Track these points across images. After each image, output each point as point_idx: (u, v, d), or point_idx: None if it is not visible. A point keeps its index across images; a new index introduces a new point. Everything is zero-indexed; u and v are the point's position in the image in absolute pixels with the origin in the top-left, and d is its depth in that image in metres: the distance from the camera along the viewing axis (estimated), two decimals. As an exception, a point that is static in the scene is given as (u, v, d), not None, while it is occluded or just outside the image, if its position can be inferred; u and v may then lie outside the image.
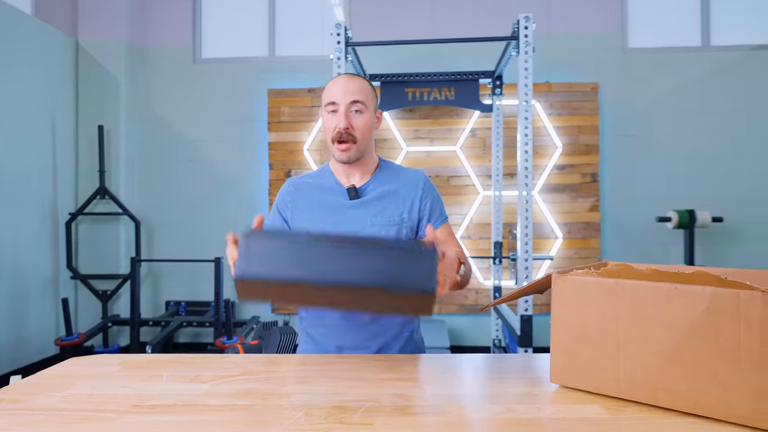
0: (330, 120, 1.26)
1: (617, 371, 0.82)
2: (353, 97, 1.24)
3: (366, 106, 1.26)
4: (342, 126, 1.22)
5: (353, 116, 1.24)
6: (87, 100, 3.92)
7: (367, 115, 1.26)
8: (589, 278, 0.85)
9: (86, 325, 3.86)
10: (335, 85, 1.26)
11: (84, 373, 0.99)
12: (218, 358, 1.09)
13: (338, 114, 1.24)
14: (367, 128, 1.26)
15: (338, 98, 1.24)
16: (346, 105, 1.23)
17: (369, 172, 1.33)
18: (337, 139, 1.24)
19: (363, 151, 1.27)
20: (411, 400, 0.84)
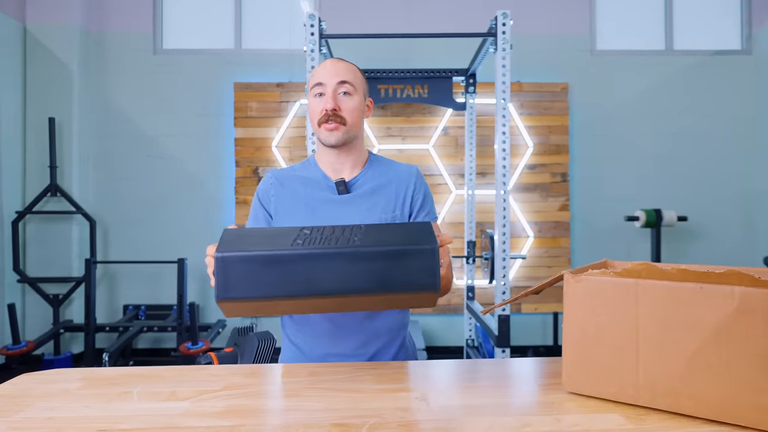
0: (316, 103, 1.17)
1: (636, 377, 0.77)
2: (341, 77, 1.16)
3: (355, 88, 1.18)
4: (329, 107, 1.14)
5: (341, 98, 1.16)
6: (36, 91, 3.65)
7: (356, 98, 1.18)
8: (605, 278, 0.80)
9: (35, 332, 3.59)
10: (322, 67, 1.18)
11: (39, 391, 0.87)
12: (194, 371, 0.98)
13: (325, 95, 1.16)
14: (357, 111, 1.19)
15: (325, 79, 1.16)
16: (334, 86, 1.16)
17: (359, 165, 1.24)
18: (323, 121, 1.15)
19: (352, 136, 1.19)
20: (417, 414, 0.76)
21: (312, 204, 1.20)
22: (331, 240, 0.81)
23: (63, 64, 3.64)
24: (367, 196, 1.21)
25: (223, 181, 3.83)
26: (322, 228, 0.86)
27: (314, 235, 0.83)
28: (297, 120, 3.79)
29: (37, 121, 3.62)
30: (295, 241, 0.81)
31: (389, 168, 1.26)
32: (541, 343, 3.84)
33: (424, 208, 1.25)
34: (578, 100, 3.86)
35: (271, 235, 0.85)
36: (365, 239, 0.81)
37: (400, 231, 0.85)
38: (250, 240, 0.83)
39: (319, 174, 1.24)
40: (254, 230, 0.90)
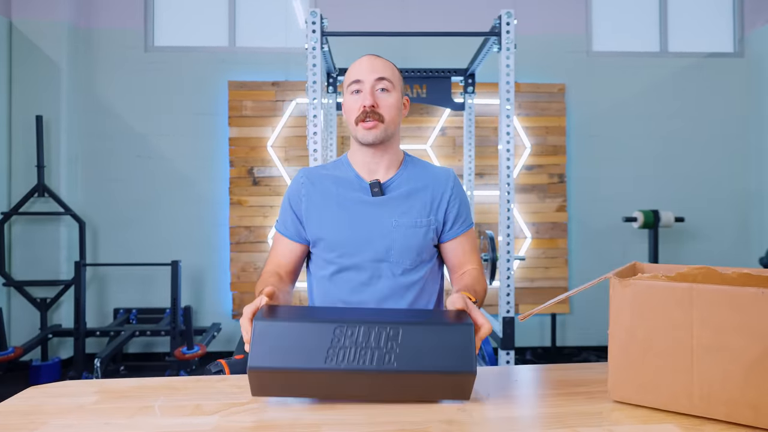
0: (354, 101, 1.14)
1: (690, 385, 0.74)
2: (379, 73, 1.13)
3: (393, 85, 1.15)
4: (368, 103, 1.11)
5: (379, 95, 1.13)
6: (22, 88, 3.53)
7: (394, 94, 1.15)
8: (656, 283, 0.77)
9: (22, 336, 3.47)
10: (359, 64, 1.15)
11: (53, 407, 0.81)
12: (216, 381, 0.93)
13: (363, 92, 1.12)
14: (395, 109, 1.15)
15: (363, 75, 1.13)
16: (372, 82, 1.13)
17: (394, 166, 1.20)
18: (362, 119, 1.11)
19: (390, 135, 1.15)
20: (464, 427, 0.72)
21: (345, 204, 1.17)
22: (366, 355, 0.77)
23: (51, 61, 3.53)
24: (402, 199, 1.17)
25: (217, 181, 3.74)
26: (356, 326, 0.79)
27: (348, 344, 0.77)
28: (293, 119, 3.72)
29: (24, 119, 3.50)
30: (329, 353, 0.77)
31: (425, 171, 1.23)
32: (539, 344, 3.83)
33: (460, 216, 1.22)
34: (575, 101, 3.86)
35: (302, 333, 0.78)
36: (402, 356, 0.77)
37: (441, 344, 0.78)
38: (281, 339, 0.78)
39: (352, 174, 1.20)
40: (285, 326, 0.80)
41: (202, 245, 3.73)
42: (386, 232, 1.15)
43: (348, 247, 1.15)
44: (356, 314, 0.86)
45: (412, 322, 0.80)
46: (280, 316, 0.81)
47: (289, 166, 3.71)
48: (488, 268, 3.08)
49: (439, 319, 0.83)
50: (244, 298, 3.69)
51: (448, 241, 1.22)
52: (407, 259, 1.16)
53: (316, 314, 0.85)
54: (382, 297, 1.16)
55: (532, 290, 3.79)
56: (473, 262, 1.24)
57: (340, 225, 1.16)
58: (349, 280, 1.17)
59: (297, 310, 0.88)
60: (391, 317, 0.83)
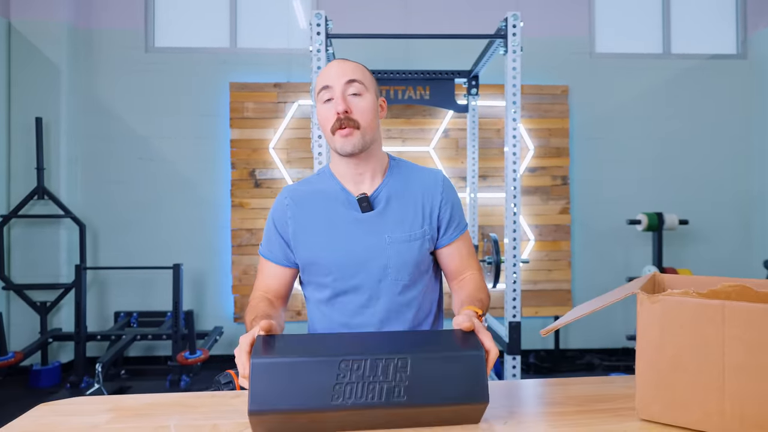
0: (326, 109, 1.08)
1: (722, 404, 0.72)
2: (348, 76, 1.07)
3: (365, 87, 1.09)
4: (340, 109, 1.05)
5: (352, 99, 1.07)
6: (22, 89, 3.50)
7: (367, 97, 1.09)
8: (686, 299, 0.75)
9: (21, 340, 3.44)
10: (327, 70, 1.10)
11: (64, 427, 0.78)
12: (230, 398, 0.91)
13: (335, 99, 1.07)
14: (370, 112, 1.09)
15: (331, 81, 1.07)
16: (342, 87, 1.07)
17: (380, 174, 1.16)
18: (337, 127, 1.06)
19: (369, 141, 1.09)
20: (492, 448, 0.70)
21: (335, 224, 1.12)
22: (374, 391, 0.73)
23: (50, 62, 3.49)
24: (392, 212, 1.13)
25: (218, 183, 3.72)
26: (362, 362, 0.74)
27: (354, 380, 0.73)
28: (295, 121, 3.70)
29: (24, 121, 3.47)
30: (334, 389, 0.72)
31: (412, 175, 1.18)
32: (542, 347, 3.81)
33: (453, 219, 1.18)
34: (578, 102, 3.85)
35: (305, 369, 0.73)
36: (412, 389, 0.73)
37: (452, 373, 0.75)
38: (283, 380, 0.72)
39: (337, 187, 1.15)
40: (284, 363, 0.74)
41: (203, 248, 3.70)
42: (381, 249, 1.10)
43: (343, 270, 1.11)
44: (360, 345, 0.79)
45: (420, 352, 0.75)
46: (280, 352, 0.75)
47: (291, 168, 3.69)
48: (492, 272, 3.06)
49: (448, 346, 0.79)
50: (246, 302, 3.65)
51: (444, 247, 1.17)
52: (405, 275, 1.11)
53: (317, 346, 0.78)
54: (384, 318, 1.12)
55: (535, 293, 3.78)
56: (472, 267, 1.20)
57: (332, 247, 1.10)
58: (347, 303, 1.12)
59: (297, 342, 0.80)
60: (398, 346, 0.77)
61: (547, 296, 3.78)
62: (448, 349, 0.78)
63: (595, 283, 3.81)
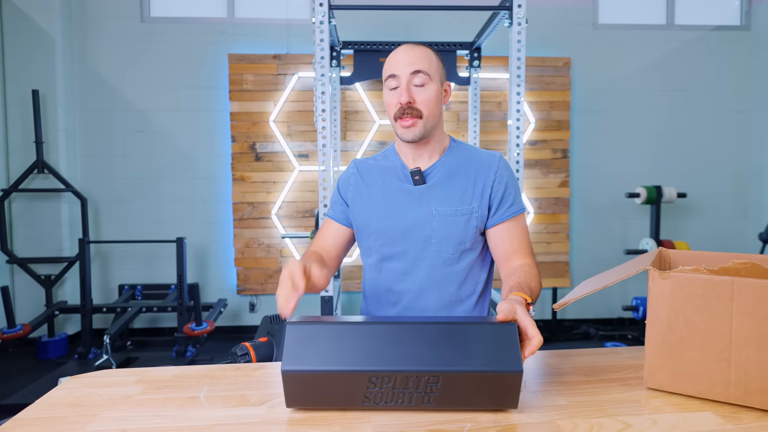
0: (391, 96, 1.13)
1: (728, 375, 0.76)
2: (415, 66, 1.10)
3: (430, 76, 1.12)
4: (404, 100, 1.10)
5: (416, 90, 1.11)
6: (16, 61, 3.43)
7: (432, 86, 1.12)
8: (697, 276, 0.78)
9: (26, 313, 3.48)
10: (394, 56, 1.13)
11: (99, 398, 0.82)
12: (253, 370, 0.95)
13: (399, 88, 1.11)
14: (434, 102, 1.13)
15: (398, 70, 1.11)
16: (407, 77, 1.10)
17: (438, 153, 1.20)
18: (399, 116, 1.11)
19: (431, 128, 1.14)
20: (511, 417, 0.74)
21: (388, 194, 1.19)
22: (404, 396, 0.74)
23: (44, 32, 3.42)
24: (443, 187, 1.16)
25: (219, 157, 3.70)
26: (395, 376, 0.74)
27: (385, 386, 0.74)
28: (295, 94, 3.66)
29: (20, 94, 3.42)
30: (366, 394, 0.75)
31: (469, 156, 1.20)
32: (540, 317, 3.90)
33: (506, 200, 1.15)
34: (580, 75, 3.83)
35: (336, 381, 0.75)
36: (442, 397, 0.74)
37: (485, 381, 0.73)
38: (314, 390, 0.75)
39: (398, 163, 1.22)
40: (316, 377, 0.75)
41: (205, 221, 3.72)
42: (426, 220, 1.14)
43: (390, 236, 1.17)
44: (392, 350, 0.75)
45: (454, 366, 0.73)
46: (311, 359, 0.74)
47: (291, 141, 3.68)
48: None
49: (485, 360, 0.73)
50: (248, 274, 3.71)
51: (494, 227, 1.15)
52: (448, 248, 1.14)
53: (348, 351, 0.75)
54: (424, 286, 1.16)
55: (533, 265, 3.83)
56: (524, 255, 1.13)
57: (381, 214, 1.17)
58: (392, 269, 1.18)
59: (328, 340, 0.76)
60: (431, 354, 0.74)
61: (545, 268, 3.84)
62: (483, 363, 0.73)
63: (593, 255, 3.87)
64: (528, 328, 0.79)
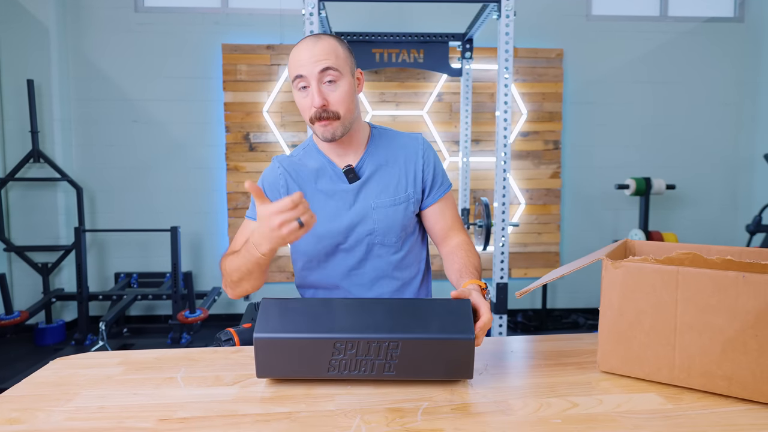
0: (302, 98, 1.08)
1: (673, 358, 0.81)
2: (322, 64, 1.05)
3: (340, 71, 1.07)
4: (317, 104, 1.04)
5: (328, 89, 1.06)
6: (11, 50, 3.45)
7: (343, 82, 1.08)
8: (646, 265, 0.82)
9: (24, 300, 3.54)
10: (298, 54, 1.07)
11: (81, 378, 0.87)
12: (231, 353, 0.99)
13: (310, 90, 1.06)
14: (348, 98, 1.09)
15: (305, 69, 1.05)
16: (316, 77, 1.05)
17: (362, 145, 1.20)
18: (315, 118, 1.07)
19: (349, 124, 1.12)
20: (465, 397, 0.79)
21: (326, 196, 1.18)
22: (367, 366, 0.80)
23: (39, 22, 3.43)
24: (376, 179, 1.18)
25: (213, 147, 3.74)
26: (357, 342, 0.79)
27: (349, 356, 0.80)
28: (289, 84, 3.68)
29: (15, 83, 3.44)
30: (331, 363, 0.80)
31: (393, 142, 1.22)
32: (530, 306, 3.96)
33: (436, 180, 1.22)
34: (572, 66, 3.84)
35: (304, 347, 0.80)
36: (401, 365, 0.80)
37: (442, 349, 0.79)
38: (284, 350, 0.80)
39: (324, 161, 1.19)
40: (286, 335, 0.81)
41: (200, 211, 3.76)
42: (367, 215, 1.17)
43: (333, 237, 1.17)
44: (355, 321, 0.82)
45: (412, 333, 0.79)
46: (281, 326, 0.81)
47: (285, 131, 3.71)
48: (483, 234, 3.14)
49: (439, 327, 0.80)
50: (242, 263, 3.75)
51: (429, 207, 1.22)
52: (392, 237, 1.18)
53: (315, 320, 0.82)
54: (374, 277, 1.20)
55: (524, 255, 3.89)
56: (459, 230, 1.23)
57: (323, 217, 1.15)
58: (338, 265, 1.20)
59: (297, 312, 0.83)
60: (391, 324, 0.80)
61: (536, 258, 3.89)
62: (439, 331, 0.79)
63: (583, 246, 3.91)
64: (480, 307, 0.86)
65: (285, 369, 0.81)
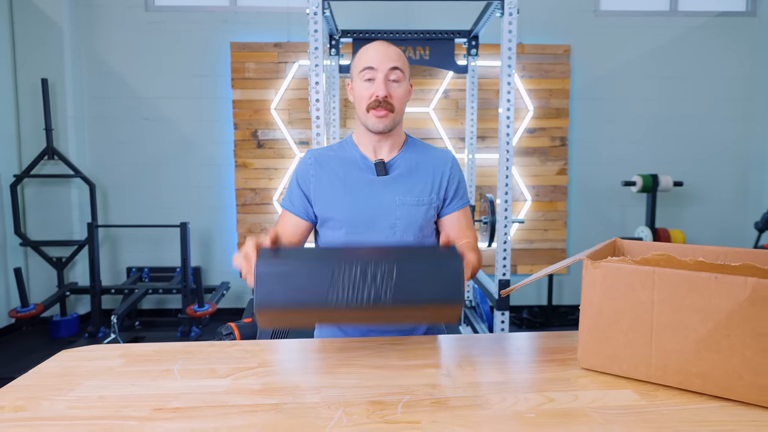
0: (365, 88, 1.17)
1: (649, 356, 0.83)
2: (392, 63, 1.16)
3: (404, 74, 1.19)
4: (381, 94, 1.15)
5: (392, 85, 1.17)
6: (26, 51, 3.54)
7: (404, 84, 1.20)
8: (625, 266, 0.84)
9: (39, 294, 3.64)
10: (372, 50, 1.18)
11: (84, 369, 0.91)
12: (227, 346, 1.04)
13: (376, 81, 1.16)
14: (404, 98, 1.21)
15: (377, 64, 1.16)
16: (385, 72, 1.16)
17: (397, 147, 1.27)
18: (374, 107, 1.16)
19: (396, 123, 1.21)
20: (446, 391, 0.82)
21: (352, 184, 1.23)
22: (364, 290, 0.83)
23: (52, 21, 3.51)
24: (405, 178, 1.23)
25: (222, 144, 3.80)
26: (354, 266, 0.84)
27: (347, 280, 0.83)
28: (296, 82, 3.73)
29: (30, 83, 3.53)
30: (330, 289, 0.83)
31: (426, 152, 1.29)
32: (536, 303, 3.97)
33: (457, 194, 1.29)
34: (580, 62, 3.82)
35: (306, 272, 0.84)
36: (397, 290, 0.83)
37: (433, 277, 0.85)
38: (286, 278, 0.84)
39: (357, 154, 1.26)
40: (288, 266, 0.86)
41: (209, 207, 3.83)
42: (391, 209, 1.21)
43: (355, 226, 1.22)
44: (353, 254, 0.88)
45: (405, 262, 0.85)
46: (282, 260, 0.86)
47: (292, 128, 3.75)
48: (488, 231, 3.16)
49: (430, 256, 0.89)
50: (251, 258, 3.82)
51: (447, 216, 1.29)
52: (411, 235, 1.23)
53: (315, 256, 0.88)
54: None
55: (531, 252, 3.89)
56: (469, 237, 1.30)
57: (347, 204, 1.21)
58: None
59: (297, 252, 0.92)
60: (386, 255, 0.87)
61: (542, 255, 3.89)
62: (431, 259, 0.87)
63: (589, 243, 3.90)
64: (465, 253, 0.92)
65: (284, 298, 0.83)
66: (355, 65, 1.20)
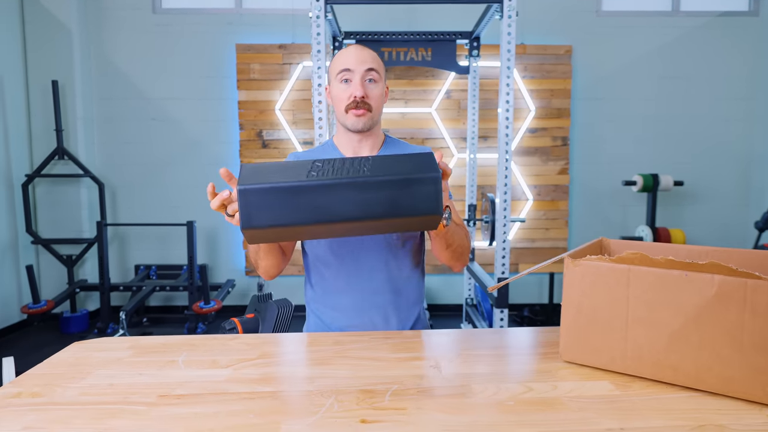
0: (343, 89, 1.22)
1: (625, 349, 0.88)
2: (368, 64, 1.21)
3: (380, 75, 1.24)
4: (359, 94, 1.20)
5: (368, 85, 1.22)
6: (37, 52, 3.62)
7: (380, 85, 1.24)
8: (602, 264, 0.89)
9: (50, 290, 3.73)
10: (348, 54, 1.23)
11: (94, 360, 0.98)
12: (229, 340, 1.09)
13: (354, 82, 1.21)
14: (380, 98, 1.25)
15: (353, 65, 1.21)
16: (362, 73, 1.20)
17: (377, 146, 1.31)
18: (352, 107, 1.21)
19: (375, 122, 1.26)
20: (433, 381, 0.87)
21: None
22: (342, 171, 0.89)
23: (62, 24, 3.59)
24: None
25: (227, 144, 3.86)
26: (333, 160, 0.92)
27: (326, 167, 0.90)
28: (300, 83, 3.78)
29: (40, 84, 3.62)
30: (310, 172, 0.89)
31: (406, 149, 1.33)
32: (537, 301, 4.00)
33: None
34: (581, 63, 3.85)
35: (286, 168, 0.91)
36: (374, 170, 0.89)
37: (406, 162, 0.91)
38: (268, 173, 0.89)
39: (338, 155, 1.30)
40: (270, 165, 0.93)
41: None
42: None
43: None
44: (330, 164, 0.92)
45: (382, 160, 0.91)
46: (262, 181, 0.88)
47: (297, 129, 3.81)
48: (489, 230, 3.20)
49: (409, 162, 0.91)
50: (256, 256, 3.89)
51: None
52: (394, 234, 1.28)
53: (295, 169, 0.90)
54: (374, 268, 1.29)
55: (532, 250, 3.93)
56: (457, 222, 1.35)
57: None
58: (341, 255, 1.29)
59: (274, 168, 0.92)
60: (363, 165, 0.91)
61: (543, 254, 3.93)
62: (409, 167, 0.90)
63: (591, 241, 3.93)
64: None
65: (266, 179, 0.87)
66: (333, 68, 1.25)
